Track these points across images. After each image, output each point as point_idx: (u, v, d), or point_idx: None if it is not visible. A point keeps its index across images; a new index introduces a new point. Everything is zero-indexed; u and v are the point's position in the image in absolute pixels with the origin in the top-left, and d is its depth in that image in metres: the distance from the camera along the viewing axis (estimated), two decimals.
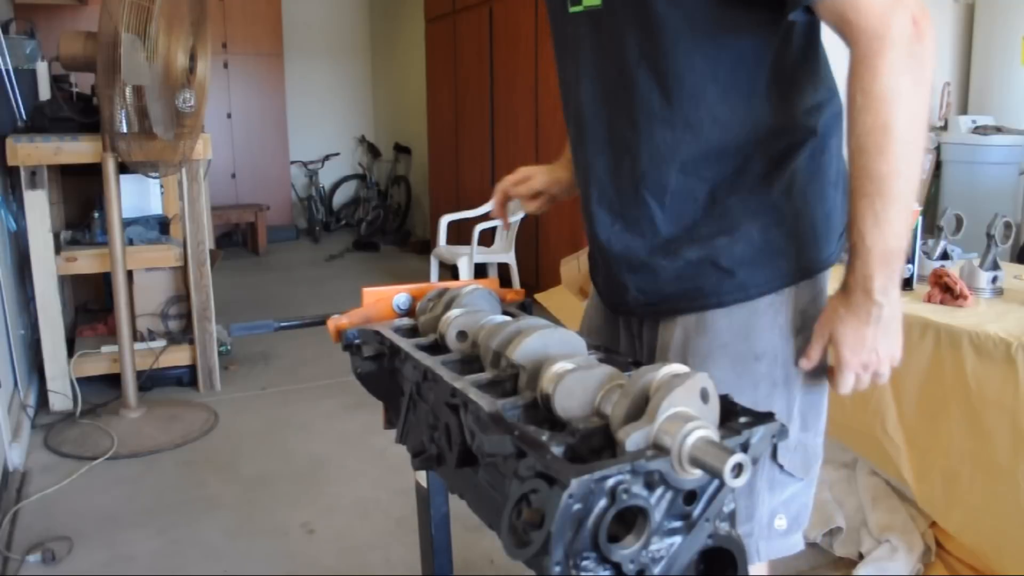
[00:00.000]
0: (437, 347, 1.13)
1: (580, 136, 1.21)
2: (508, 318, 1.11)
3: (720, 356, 1.12)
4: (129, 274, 3.25)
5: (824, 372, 1.17)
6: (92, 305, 4.26)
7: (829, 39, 1.16)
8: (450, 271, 5.01)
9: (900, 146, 0.96)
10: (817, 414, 1.18)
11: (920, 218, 2.05)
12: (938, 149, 4.21)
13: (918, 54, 0.94)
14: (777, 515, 1.15)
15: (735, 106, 1.07)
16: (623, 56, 1.08)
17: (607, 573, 0.76)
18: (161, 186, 3.84)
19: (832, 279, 1.23)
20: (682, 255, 1.12)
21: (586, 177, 1.22)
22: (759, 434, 0.82)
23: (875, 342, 1.05)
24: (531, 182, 1.51)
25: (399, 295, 1.31)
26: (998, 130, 4.06)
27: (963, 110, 4.51)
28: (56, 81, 3.53)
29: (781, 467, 1.13)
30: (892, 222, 0.99)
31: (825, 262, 1.15)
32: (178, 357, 3.54)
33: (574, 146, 1.25)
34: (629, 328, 1.31)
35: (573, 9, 1.14)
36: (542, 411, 0.89)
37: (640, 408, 0.80)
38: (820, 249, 1.14)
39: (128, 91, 2.83)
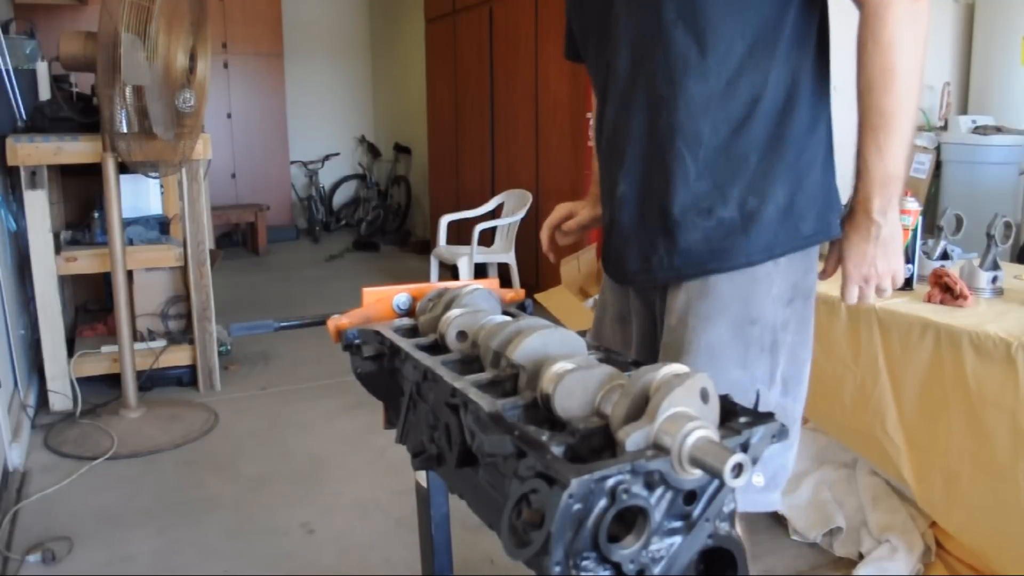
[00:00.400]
0: (437, 347, 1.13)
1: (618, 104, 1.27)
2: (508, 318, 1.11)
3: (720, 318, 1.21)
4: (129, 274, 3.25)
5: (809, 344, 1.29)
6: (92, 305, 4.25)
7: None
8: (450, 271, 5.01)
9: (903, 86, 1.14)
10: (798, 383, 1.28)
11: (920, 218, 2.05)
12: (938, 149, 4.20)
13: (918, 11, 1.13)
14: (755, 472, 1.22)
15: (761, 64, 1.18)
16: (659, 19, 1.18)
17: (607, 573, 0.76)
18: (161, 186, 3.83)
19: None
20: (715, 214, 1.20)
21: (622, 141, 1.27)
22: (759, 434, 0.82)
23: (874, 258, 1.21)
24: (578, 217, 1.58)
25: (399, 295, 1.31)
26: (998, 130, 4.05)
27: (963, 110, 4.51)
28: (56, 81, 3.53)
29: None
30: (892, 151, 1.16)
31: (827, 232, 1.26)
32: (178, 357, 3.54)
33: (609, 120, 1.31)
34: (648, 305, 1.35)
35: None
36: (542, 411, 0.89)
37: (640, 408, 0.80)
38: (827, 219, 1.25)
39: (128, 91, 2.83)
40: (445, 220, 5.16)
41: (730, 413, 0.85)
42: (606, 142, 1.33)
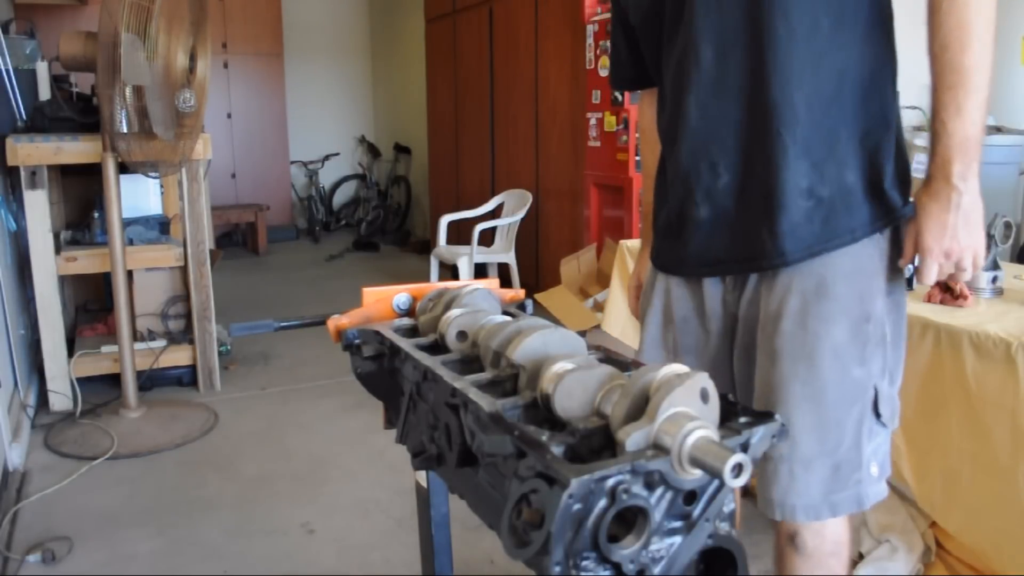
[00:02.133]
0: (437, 347, 1.13)
1: (705, 94, 1.26)
2: (508, 318, 1.10)
3: (841, 319, 1.22)
4: (129, 274, 3.25)
5: (904, 330, 1.31)
6: (92, 305, 4.26)
7: None
8: (450, 271, 5.01)
9: (979, 43, 1.14)
10: (899, 370, 1.32)
11: None
12: None
13: None
14: (871, 462, 1.27)
15: (846, 41, 1.20)
16: (751, 6, 1.20)
17: (607, 573, 0.76)
18: (161, 186, 3.84)
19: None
20: (815, 193, 1.21)
21: (713, 130, 1.27)
22: (759, 434, 0.82)
23: (955, 229, 1.17)
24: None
25: (399, 295, 1.31)
26: (998, 130, 4.05)
27: None
28: (56, 81, 3.53)
29: (878, 416, 1.26)
30: (971, 111, 1.14)
31: (912, 206, 1.26)
32: (178, 357, 3.54)
33: (691, 114, 1.28)
34: (726, 304, 1.34)
35: None
36: (542, 411, 0.89)
37: (640, 408, 0.80)
38: (909, 194, 1.26)
39: (128, 91, 2.83)
40: (445, 220, 5.16)
41: (730, 413, 0.85)
42: (689, 135, 1.30)
